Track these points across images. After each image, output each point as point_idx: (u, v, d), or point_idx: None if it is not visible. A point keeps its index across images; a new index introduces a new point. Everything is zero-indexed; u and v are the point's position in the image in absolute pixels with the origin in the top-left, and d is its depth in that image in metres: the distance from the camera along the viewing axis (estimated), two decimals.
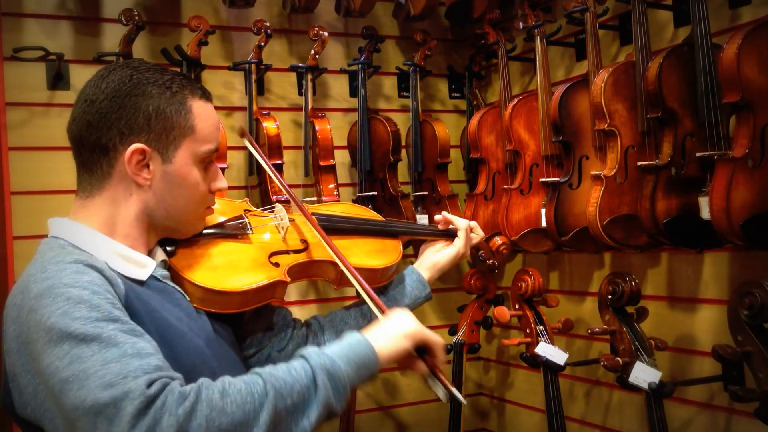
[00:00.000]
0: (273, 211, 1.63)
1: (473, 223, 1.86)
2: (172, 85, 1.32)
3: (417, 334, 1.32)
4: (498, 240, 1.96)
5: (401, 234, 1.82)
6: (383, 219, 1.86)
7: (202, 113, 1.35)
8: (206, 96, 1.38)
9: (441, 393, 1.34)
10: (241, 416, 1.04)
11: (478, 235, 1.86)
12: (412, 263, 1.83)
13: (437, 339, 1.35)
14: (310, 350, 1.19)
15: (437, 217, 1.85)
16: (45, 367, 1.06)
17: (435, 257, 1.78)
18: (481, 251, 1.93)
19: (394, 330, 1.30)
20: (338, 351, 1.20)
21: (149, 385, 1.02)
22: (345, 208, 1.83)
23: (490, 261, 2.09)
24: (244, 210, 1.61)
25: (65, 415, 1.05)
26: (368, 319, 1.64)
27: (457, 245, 1.78)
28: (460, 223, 1.81)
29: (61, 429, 1.09)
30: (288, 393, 1.10)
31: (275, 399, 1.08)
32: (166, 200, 1.33)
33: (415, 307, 1.71)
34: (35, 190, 2.59)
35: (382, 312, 1.41)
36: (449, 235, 1.83)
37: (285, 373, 1.13)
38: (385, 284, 1.72)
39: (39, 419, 1.12)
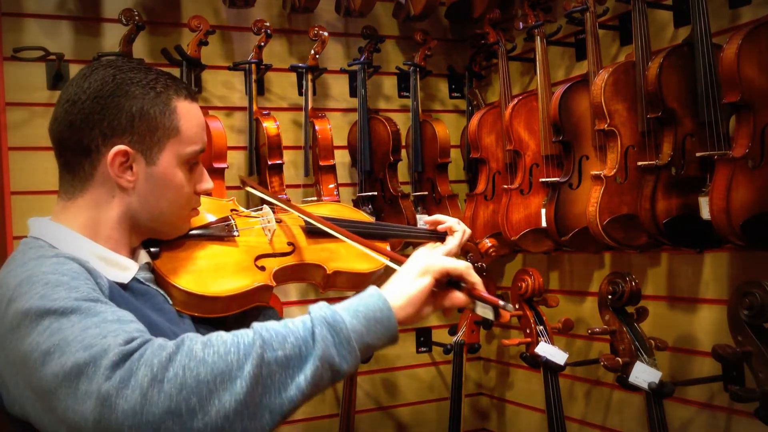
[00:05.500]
0: (260, 213, 1.59)
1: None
2: (156, 85, 1.29)
3: (433, 267, 1.17)
4: (487, 242, 1.90)
5: (390, 237, 1.77)
6: (373, 221, 1.82)
7: (187, 114, 1.31)
8: (191, 96, 1.35)
9: (490, 313, 1.19)
10: (223, 366, 0.97)
11: (467, 235, 1.77)
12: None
13: (461, 264, 1.19)
14: (314, 305, 1.09)
15: (426, 218, 1.79)
16: (26, 347, 1.03)
17: None
18: (470, 254, 1.90)
19: (407, 273, 1.17)
20: (345, 304, 1.09)
21: (128, 342, 0.99)
22: (333, 209, 1.80)
23: (479, 264, 2.04)
24: (231, 210, 1.58)
25: (45, 390, 0.99)
26: None
27: (450, 244, 1.71)
28: (453, 222, 1.75)
29: (41, 413, 1.04)
30: (279, 344, 1.01)
31: (263, 349, 1.00)
32: (149, 202, 1.30)
33: None
34: (35, 190, 2.59)
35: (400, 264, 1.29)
36: (440, 236, 1.77)
37: (281, 326, 1.05)
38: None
39: (23, 410, 1.08)
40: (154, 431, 0.93)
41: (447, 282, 1.19)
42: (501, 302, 1.16)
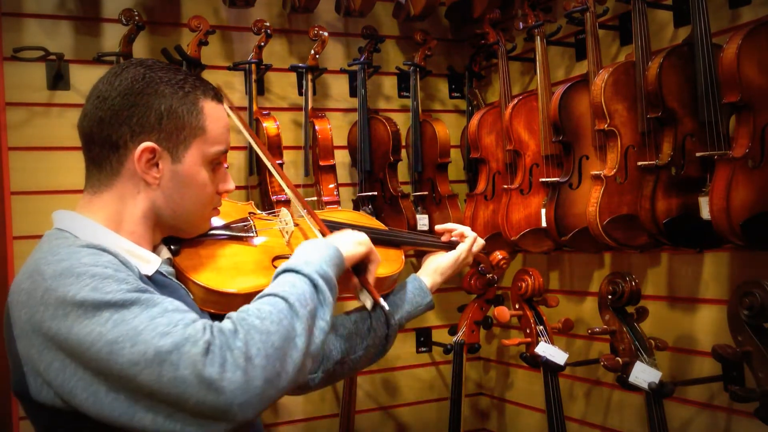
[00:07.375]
0: (278, 215, 1.62)
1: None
2: (185, 85, 1.32)
3: (368, 244, 1.45)
4: (498, 255, 1.95)
5: (404, 244, 1.78)
6: (387, 228, 1.83)
7: (213, 114, 1.35)
8: (218, 97, 1.39)
9: (368, 302, 1.46)
10: (284, 332, 1.13)
11: (479, 245, 1.82)
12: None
13: (378, 254, 1.49)
14: (294, 262, 1.27)
15: (438, 227, 1.80)
16: (83, 336, 1.07)
17: (436, 262, 1.73)
18: (482, 265, 1.92)
19: (352, 238, 1.44)
20: (318, 258, 1.29)
21: (203, 329, 1.09)
22: (349, 216, 1.82)
23: (490, 275, 2.09)
24: (249, 213, 1.61)
25: (120, 375, 1.07)
26: (368, 322, 1.62)
27: (460, 249, 1.74)
28: (465, 229, 1.78)
29: (102, 395, 1.09)
30: (305, 302, 1.19)
31: (299, 308, 1.17)
32: (173, 199, 1.34)
33: (416, 315, 1.69)
34: (35, 190, 2.59)
35: (323, 234, 1.51)
36: (452, 246, 1.77)
37: (290, 285, 1.21)
38: (386, 293, 1.69)
39: (69, 393, 1.12)
40: (260, 400, 1.08)
41: (356, 267, 1.45)
42: (381, 300, 1.44)
